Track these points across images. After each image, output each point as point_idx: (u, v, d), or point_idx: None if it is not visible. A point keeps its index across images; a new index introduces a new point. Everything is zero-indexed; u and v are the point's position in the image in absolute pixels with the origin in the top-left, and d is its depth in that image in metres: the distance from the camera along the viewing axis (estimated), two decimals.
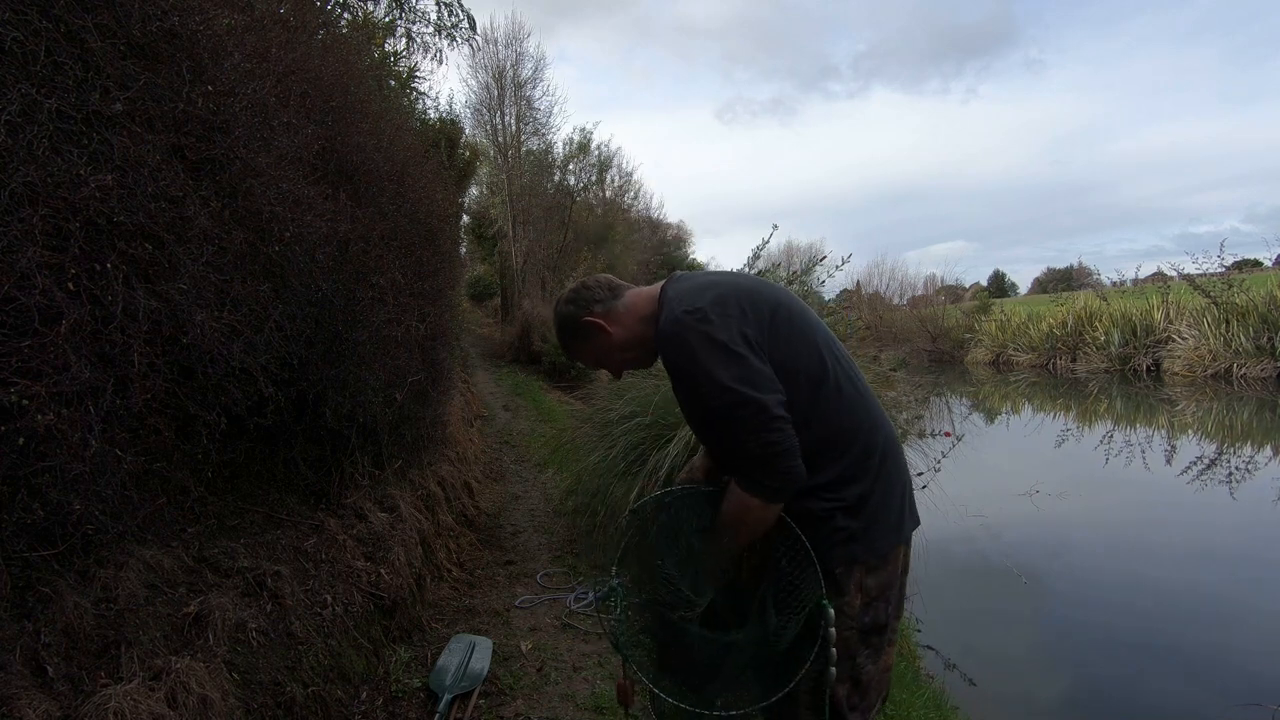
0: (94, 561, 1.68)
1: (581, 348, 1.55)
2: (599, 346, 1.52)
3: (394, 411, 3.06)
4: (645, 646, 1.36)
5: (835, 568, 1.31)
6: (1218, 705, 3.00)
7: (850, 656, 1.34)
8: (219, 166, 1.89)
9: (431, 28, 7.36)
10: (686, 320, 1.29)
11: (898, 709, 2.54)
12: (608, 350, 1.53)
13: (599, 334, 1.51)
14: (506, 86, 17.45)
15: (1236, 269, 14.02)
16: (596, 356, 1.55)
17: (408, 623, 2.86)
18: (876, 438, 1.37)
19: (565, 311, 1.54)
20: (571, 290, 1.56)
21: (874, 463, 1.35)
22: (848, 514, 1.31)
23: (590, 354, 1.55)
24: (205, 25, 1.85)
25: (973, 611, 4.16)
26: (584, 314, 1.51)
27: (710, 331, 1.27)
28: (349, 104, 2.90)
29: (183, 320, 1.63)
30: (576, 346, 1.55)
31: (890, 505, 1.37)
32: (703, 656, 1.30)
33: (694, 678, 1.31)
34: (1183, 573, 4.52)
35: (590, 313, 1.51)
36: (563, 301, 1.55)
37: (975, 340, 19.94)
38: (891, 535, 1.36)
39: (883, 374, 4.92)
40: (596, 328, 1.50)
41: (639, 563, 1.40)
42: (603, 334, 1.50)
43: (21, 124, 1.33)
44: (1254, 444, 7.83)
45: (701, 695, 1.30)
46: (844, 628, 1.32)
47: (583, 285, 1.55)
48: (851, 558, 1.31)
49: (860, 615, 1.33)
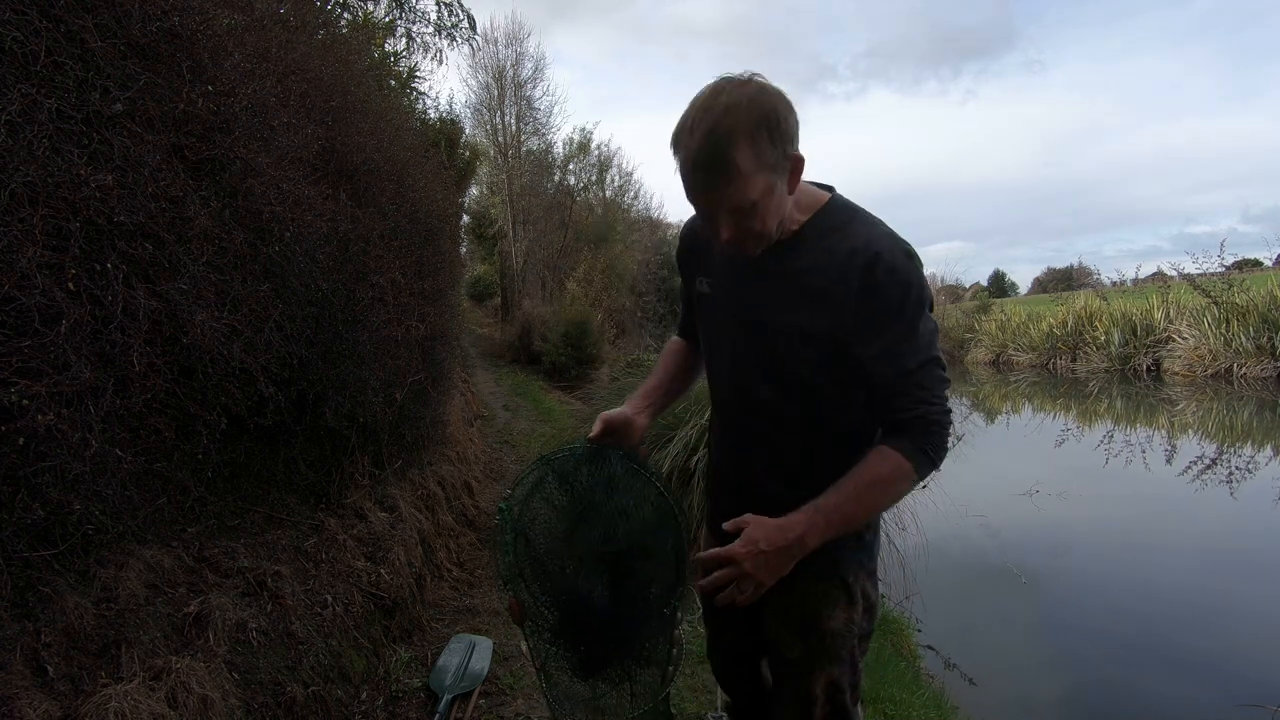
0: (94, 561, 1.68)
1: (760, 182, 1.06)
2: (778, 194, 1.10)
3: (394, 411, 3.06)
4: (528, 579, 1.32)
5: (848, 576, 1.27)
6: (1218, 705, 3.00)
7: (854, 663, 1.32)
8: (219, 166, 1.89)
9: (431, 28, 7.36)
10: (913, 264, 1.13)
11: (898, 709, 2.54)
12: (778, 206, 1.11)
13: (790, 179, 1.11)
14: (506, 86, 17.44)
15: (1237, 269, 14.01)
16: (760, 201, 1.08)
17: (408, 622, 2.86)
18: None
19: (786, 124, 1.06)
20: (783, 97, 1.08)
21: None
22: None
23: (759, 191, 1.07)
24: (205, 25, 1.85)
25: (973, 611, 4.16)
26: (793, 145, 1.09)
27: (925, 285, 1.14)
28: (349, 104, 2.90)
29: (183, 320, 1.63)
30: (756, 177, 1.06)
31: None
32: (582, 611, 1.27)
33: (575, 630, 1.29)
34: (1183, 573, 4.52)
35: (797, 150, 1.10)
36: (784, 105, 1.07)
37: (975, 340, 19.93)
38: (878, 537, 1.37)
39: None
40: (799, 167, 1.11)
41: (533, 506, 1.35)
42: (793, 181, 1.12)
43: (22, 124, 1.33)
44: (1254, 444, 7.83)
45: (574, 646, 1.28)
46: (851, 635, 1.29)
47: (791, 104, 1.09)
48: (859, 565, 1.29)
49: (862, 622, 1.31)
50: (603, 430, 1.29)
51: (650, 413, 1.40)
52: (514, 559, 1.30)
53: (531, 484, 1.33)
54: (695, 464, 3.25)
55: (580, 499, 1.29)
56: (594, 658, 1.28)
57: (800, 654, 1.31)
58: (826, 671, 1.29)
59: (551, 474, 1.32)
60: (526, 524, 1.32)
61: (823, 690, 1.29)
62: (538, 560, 1.32)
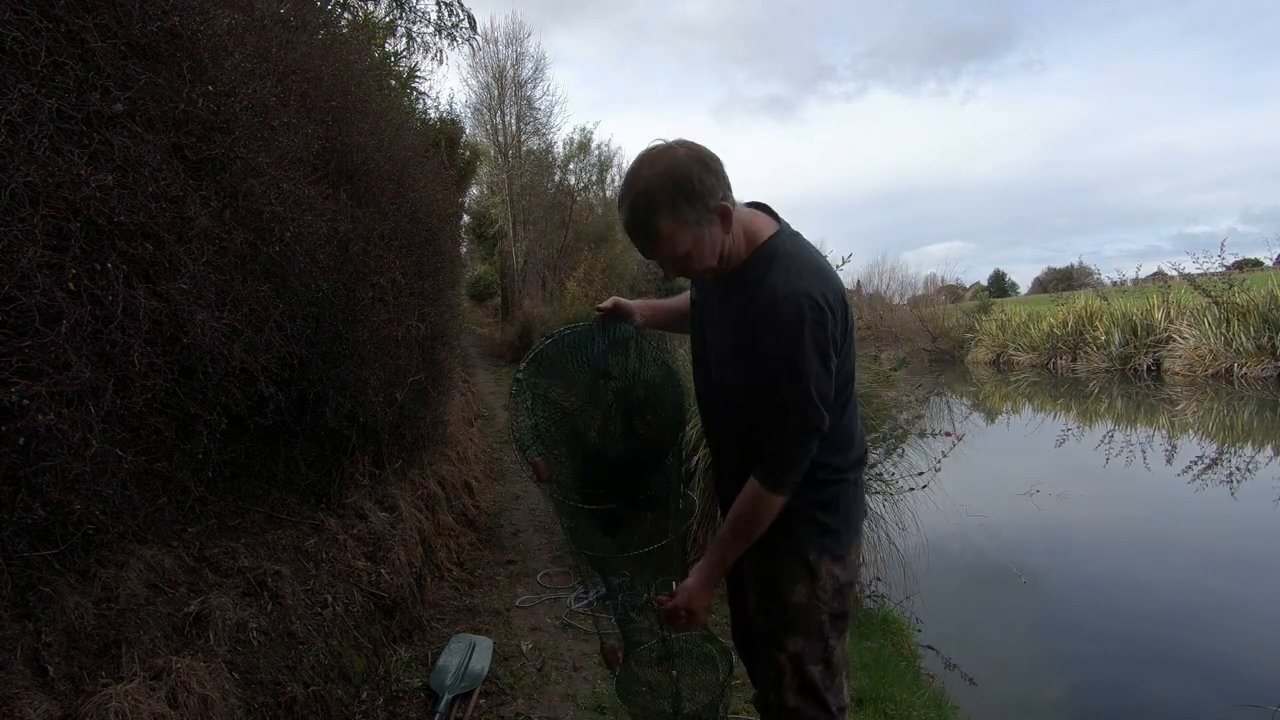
0: (95, 561, 1.68)
1: (686, 237, 1.27)
2: (708, 240, 1.29)
3: (394, 411, 3.07)
4: (550, 442, 1.53)
5: (809, 554, 1.42)
6: (1218, 705, 3.00)
7: (824, 638, 1.44)
8: (219, 166, 1.89)
9: (431, 28, 7.36)
10: (810, 308, 1.25)
11: (898, 709, 2.54)
12: (711, 248, 1.30)
13: (720, 224, 1.30)
14: (507, 86, 17.46)
15: (1237, 268, 14.01)
16: (692, 251, 1.29)
17: (408, 622, 2.87)
18: (864, 442, 1.51)
19: (699, 184, 1.25)
20: (699, 159, 1.27)
21: (860, 467, 1.49)
22: (825, 509, 1.42)
23: (688, 244, 1.28)
24: (205, 25, 1.85)
25: (973, 611, 4.16)
26: (720, 197, 1.28)
27: (820, 334, 1.26)
28: (349, 104, 2.90)
29: (183, 320, 1.63)
30: (680, 235, 1.27)
31: (857, 506, 1.49)
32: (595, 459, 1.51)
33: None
34: (1183, 572, 4.52)
35: (727, 198, 1.29)
36: (697, 167, 1.26)
37: (976, 340, 19.93)
38: (854, 533, 1.48)
39: (883, 374, 4.92)
40: (725, 216, 1.29)
41: (551, 371, 1.55)
42: (724, 226, 1.30)
43: (22, 124, 1.33)
44: (1254, 444, 7.83)
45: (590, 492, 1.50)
46: (818, 611, 1.42)
47: (712, 161, 1.29)
48: (823, 548, 1.42)
49: (831, 601, 1.43)
50: (613, 305, 1.58)
51: (648, 314, 1.64)
52: (534, 421, 1.50)
53: (549, 353, 1.55)
54: (696, 464, 3.26)
55: (600, 357, 1.54)
56: (614, 512, 1.50)
57: (767, 625, 1.46)
58: (791, 641, 1.43)
59: (564, 344, 1.55)
60: (545, 388, 1.54)
61: (789, 661, 1.43)
62: (566, 416, 1.53)
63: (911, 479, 3.95)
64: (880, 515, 3.79)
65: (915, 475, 3.96)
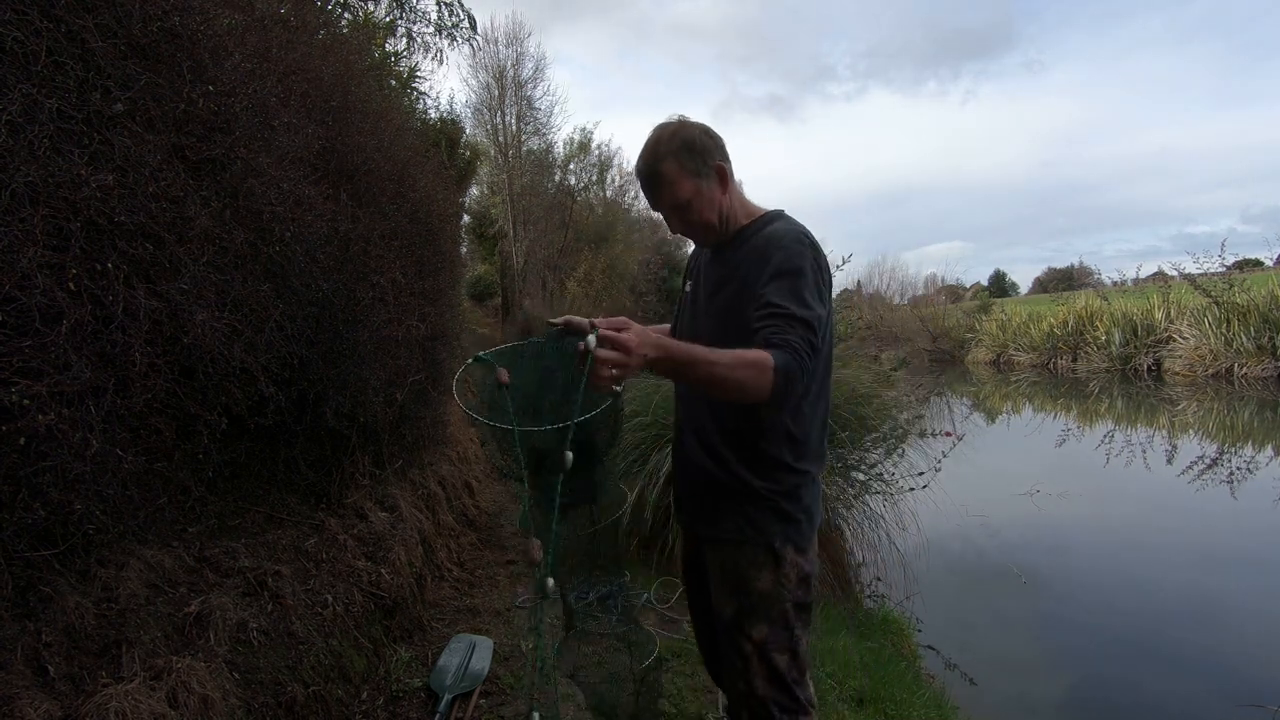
0: (95, 561, 1.68)
1: (687, 184, 1.46)
2: (706, 193, 1.47)
3: (394, 411, 3.07)
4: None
5: (774, 542, 1.47)
6: (1218, 705, 3.00)
7: (789, 628, 1.47)
8: (220, 166, 1.89)
9: (432, 28, 7.34)
10: (811, 243, 1.42)
11: (898, 709, 2.54)
12: (709, 202, 1.48)
13: (718, 183, 1.48)
14: (507, 86, 17.45)
15: (1237, 268, 14.01)
16: (692, 199, 1.47)
17: (408, 622, 2.86)
18: (825, 449, 1.57)
19: (701, 142, 1.46)
20: (703, 128, 1.49)
21: (821, 465, 1.55)
22: (788, 499, 1.47)
23: (689, 192, 1.46)
24: (206, 25, 1.85)
25: (973, 611, 4.16)
26: (718, 157, 1.48)
27: (818, 269, 1.40)
28: (350, 104, 2.90)
29: (183, 320, 1.63)
30: (682, 181, 1.46)
31: (816, 502, 1.54)
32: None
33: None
34: (1184, 573, 4.52)
35: (724, 159, 1.49)
36: (700, 131, 1.48)
37: (976, 340, 19.95)
38: (814, 527, 1.53)
39: (883, 374, 4.92)
40: (723, 175, 1.48)
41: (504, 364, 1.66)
42: (720, 185, 1.48)
43: (22, 124, 1.33)
44: (1254, 444, 7.83)
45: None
46: (783, 600, 1.46)
47: (714, 133, 1.50)
48: (786, 537, 1.47)
49: (795, 589, 1.47)
50: (565, 324, 1.64)
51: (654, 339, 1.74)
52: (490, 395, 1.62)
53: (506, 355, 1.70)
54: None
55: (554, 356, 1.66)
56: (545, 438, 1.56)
57: (732, 613, 1.49)
58: (757, 629, 1.46)
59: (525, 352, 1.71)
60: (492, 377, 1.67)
61: (754, 649, 1.46)
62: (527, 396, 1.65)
63: (912, 479, 3.95)
64: (880, 515, 3.79)
65: (915, 475, 3.97)
